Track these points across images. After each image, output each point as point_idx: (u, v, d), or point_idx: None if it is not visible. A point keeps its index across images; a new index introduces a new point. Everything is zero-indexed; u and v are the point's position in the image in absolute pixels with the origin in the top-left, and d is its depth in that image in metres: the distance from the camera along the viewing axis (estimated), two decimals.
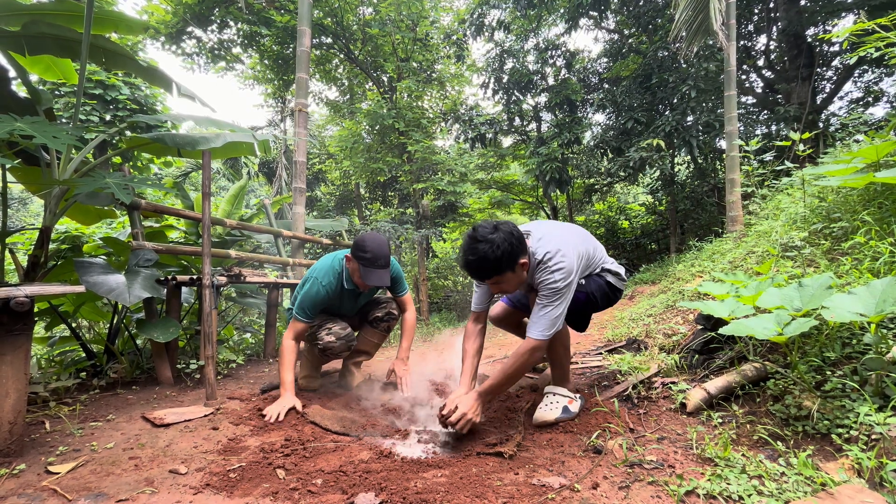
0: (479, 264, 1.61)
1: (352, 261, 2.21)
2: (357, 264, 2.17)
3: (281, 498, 1.30)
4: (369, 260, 2.13)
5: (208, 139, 2.88)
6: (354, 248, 2.18)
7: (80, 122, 5.80)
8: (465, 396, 1.71)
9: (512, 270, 1.64)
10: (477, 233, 1.62)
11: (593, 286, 1.89)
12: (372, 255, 2.13)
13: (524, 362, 1.68)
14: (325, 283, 2.25)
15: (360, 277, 2.20)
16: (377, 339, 2.65)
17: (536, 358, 1.69)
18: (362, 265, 2.15)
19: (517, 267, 1.65)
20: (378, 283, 2.17)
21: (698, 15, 5.57)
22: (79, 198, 2.58)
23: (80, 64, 2.40)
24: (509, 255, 1.59)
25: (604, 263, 1.95)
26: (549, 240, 1.71)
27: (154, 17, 9.28)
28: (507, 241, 1.59)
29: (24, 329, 1.59)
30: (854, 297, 1.41)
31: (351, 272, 2.26)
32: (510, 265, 1.62)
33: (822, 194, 2.77)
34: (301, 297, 2.24)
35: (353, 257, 2.19)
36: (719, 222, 7.72)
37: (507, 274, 1.65)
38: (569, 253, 1.67)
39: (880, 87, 8.86)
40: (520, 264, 1.65)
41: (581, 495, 1.26)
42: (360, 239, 2.17)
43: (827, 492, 1.10)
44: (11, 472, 1.44)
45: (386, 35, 9.30)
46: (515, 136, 11.25)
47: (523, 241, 1.67)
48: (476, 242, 1.60)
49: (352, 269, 2.24)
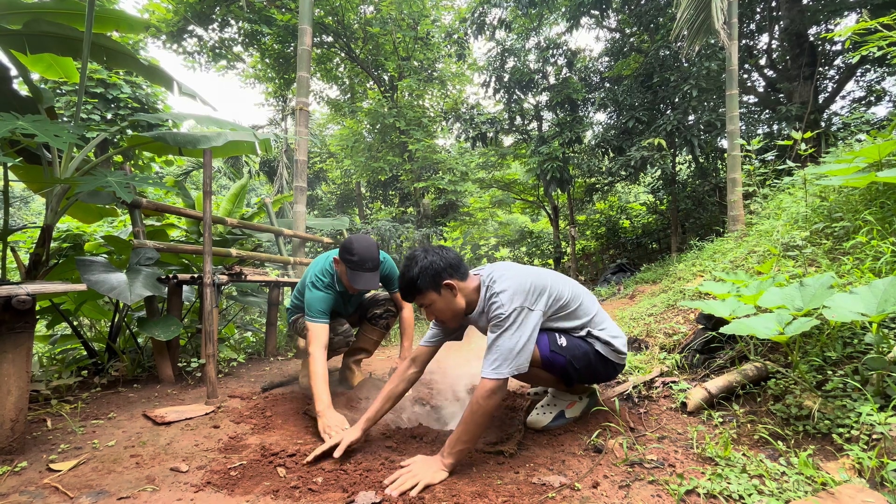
0: (400, 280, 1.60)
1: (339, 263, 2.15)
2: (344, 267, 2.10)
3: (282, 496, 1.30)
4: (356, 263, 2.06)
5: (209, 138, 2.88)
6: (342, 251, 2.11)
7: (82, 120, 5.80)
8: (426, 461, 1.45)
9: (436, 292, 1.56)
10: (409, 254, 1.61)
11: (576, 350, 1.63)
12: (359, 258, 2.05)
13: (480, 409, 1.42)
14: (327, 284, 2.22)
15: (347, 281, 2.14)
16: (376, 336, 2.64)
17: (495, 401, 1.43)
18: (349, 268, 2.07)
19: (442, 289, 1.56)
20: (365, 286, 2.09)
21: (700, 14, 5.56)
22: (80, 196, 2.58)
23: (81, 62, 2.40)
24: (432, 273, 1.54)
25: (593, 326, 1.69)
26: (500, 274, 1.58)
27: (155, 16, 9.29)
28: (431, 260, 1.56)
29: (25, 327, 1.60)
30: (855, 297, 1.40)
31: (339, 275, 2.21)
32: (433, 285, 1.55)
33: (824, 194, 2.76)
34: (309, 302, 2.17)
35: (340, 260, 2.13)
36: (720, 222, 7.70)
37: (431, 294, 1.57)
38: (511, 282, 1.52)
39: (882, 86, 8.84)
40: (446, 285, 1.55)
41: (581, 494, 1.26)
42: (348, 241, 2.11)
43: (828, 491, 1.10)
44: (13, 470, 1.45)
45: (387, 34, 9.30)
46: (516, 135, 11.25)
47: (459, 266, 1.59)
48: (405, 261, 1.61)
49: (340, 271, 2.18)
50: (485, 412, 1.43)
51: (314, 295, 2.16)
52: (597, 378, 1.76)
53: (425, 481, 1.34)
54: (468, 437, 1.44)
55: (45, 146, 2.48)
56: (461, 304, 1.60)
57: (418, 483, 1.33)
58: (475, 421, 1.44)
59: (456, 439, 1.45)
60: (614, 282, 7.76)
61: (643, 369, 2.21)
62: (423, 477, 1.36)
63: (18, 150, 2.53)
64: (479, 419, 1.43)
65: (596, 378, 1.76)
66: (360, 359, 2.69)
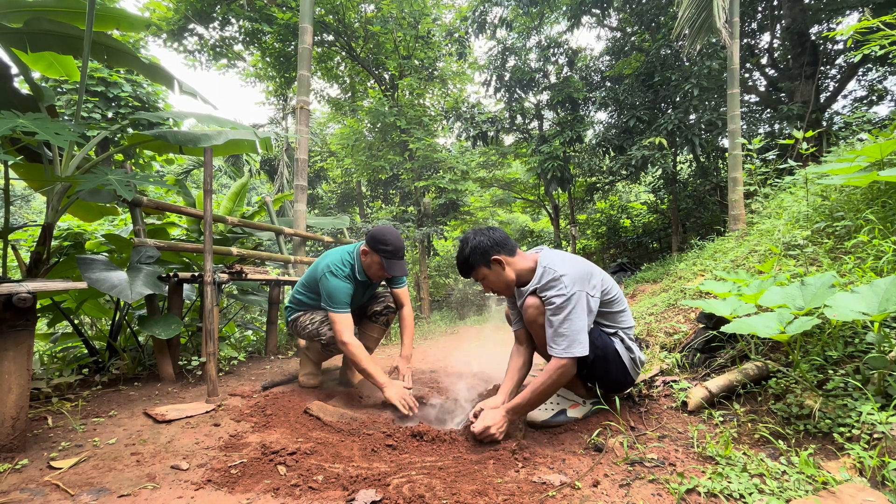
0: (457, 260, 1.82)
1: (370, 254, 2.23)
2: (378, 257, 2.20)
3: (282, 494, 1.30)
4: (392, 252, 2.19)
5: (210, 136, 2.88)
6: (374, 242, 2.20)
7: (83, 118, 5.81)
8: (494, 411, 1.69)
9: (487, 266, 1.75)
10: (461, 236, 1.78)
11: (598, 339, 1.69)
12: (394, 248, 2.19)
13: (551, 382, 1.60)
14: (347, 274, 2.27)
15: (379, 269, 2.24)
16: (377, 333, 2.66)
17: (564, 378, 1.60)
18: (384, 257, 2.19)
19: (492, 263, 1.74)
20: (401, 273, 2.23)
21: (701, 12, 5.55)
22: (81, 195, 2.58)
23: (82, 61, 2.40)
24: (481, 251, 1.74)
25: (624, 326, 1.78)
26: (559, 259, 1.70)
27: (156, 14, 9.28)
28: (479, 240, 1.75)
29: (26, 325, 1.60)
30: (857, 296, 1.40)
31: (367, 265, 2.28)
32: (483, 260, 1.74)
33: (826, 193, 2.75)
34: (330, 292, 2.23)
35: (372, 250, 2.21)
36: (721, 221, 7.69)
37: (483, 270, 1.76)
38: (570, 267, 1.64)
39: (884, 85, 8.83)
40: (495, 260, 1.73)
41: (582, 493, 1.26)
42: (379, 232, 2.20)
43: (828, 490, 1.10)
44: (14, 467, 1.45)
45: (388, 32, 9.29)
46: (517, 134, 11.24)
47: (505, 244, 1.76)
48: (460, 243, 1.79)
49: (369, 262, 2.26)
50: (555, 386, 1.61)
51: (336, 284, 2.22)
52: (607, 378, 1.75)
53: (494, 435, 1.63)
54: (533, 402, 1.66)
55: (46, 144, 2.48)
56: (511, 277, 1.77)
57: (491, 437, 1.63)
58: (543, 391, 1.62)
59: (522, 402, 1.66)
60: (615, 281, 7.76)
61: (644, 368, 2.21)
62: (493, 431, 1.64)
63: (19, 148, 2.54)
64: (548, 390, 1.62)
65: (607, 377, 1.75)
66: None
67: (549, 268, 1.66)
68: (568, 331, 1.57)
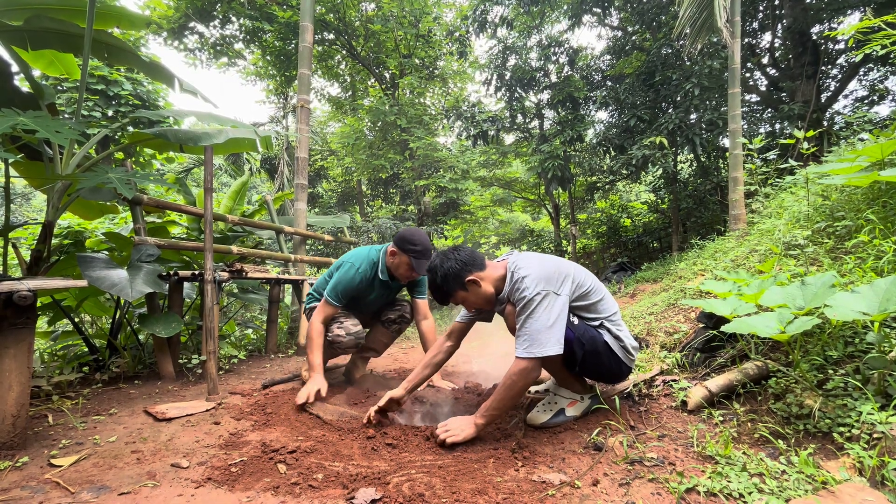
0: (430, 291, 1.83)
1: (398, 254, 2.27)
2: (407, 257, 2.25)
3: (282, 492, 1.31)
4: (421, 252, 2.23)
5: (210, 135, 2.88)
6: (403, 243, 2.24)
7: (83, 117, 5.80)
8: (463, 420, 1.68)
9: (464, 289, 1.75)
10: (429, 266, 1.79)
11: (585, 333, 1.67)
12: (422, 248, 2.23)
13: (512, 384, 1.57)
14: (360, 270, 2.31)
15: (407, 270, 2.28)
16: (386, 338, 2.68)
17: (529, 379, 1.56)
18: (414, 257, 2.23)
19: (468, 284, 1.73)
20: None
21: (703, 12, 5.54)
22: (81, 193, 2.58)
23: (82, 59, 2.39)
24: (453, 276, 1.72)
25: (606, 314, 1.74)
26: (524, 262, 1.69)
27: (156, 13, 9.28)
28: (448, 265, 1.73)
29: (27, 323, 1.60)
30: (857, 296, 1.40)
31: (395, 266, 2.32)
32: (457, 285, 1.74)
33: (826, 193, 2.75)
34: (335, 280, 2.30)
35: (401, 251, 2.25)
36: (722, 221, 7.69)
37: (460, 293, 1.76)
38: (535, 268, 1.63)
39: (886, 85, 8.81)
40: (469, 281, 1.72)
41: (581, 492, 1.26)
42: (408, 233, 2.26)
43: (828, 490, 1.10)
44: (15, 465, 1.45)
45: (388, 31, 9.28)
46: (518, 133, 11.23)
47: (474, 261, 1.75)
48: (429, 273, 1.79)
49: (397, 262, 2.30)
50: (517, 388, 1.58)
51: (345, 277, 2.29)
52: (601, 371, 1.75)
53: (456, 438, 1.61)
54: (499, 406, 1.62)
55: (47, 142, 2.48)
56: (490, 291, 1.76)
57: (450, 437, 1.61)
58: (507, 395, 1.60)
59: (489, 406, 1.64)
60: (615, 280, 7.75)
61: (644, 368, 2.21)
62: (455, 434, 1.62)
63: (20, 146, 2.54)
64: (511, 393, 1.59)
65: (600, 370, 1.75)
66: (367, 357, 2.74)
67: (514, 272, 1.65)
68: (529, 330, 1.54)
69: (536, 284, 1.57)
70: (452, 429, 1.64)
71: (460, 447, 1.63)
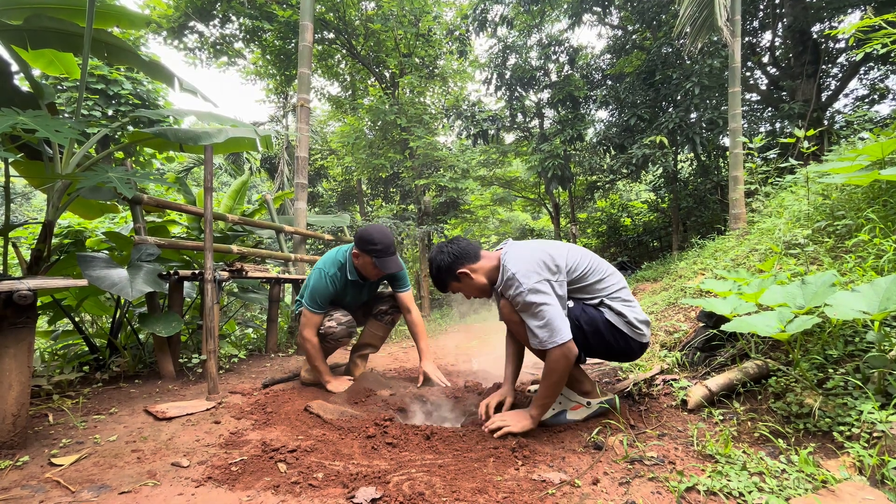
0: (432, 280, 1.91)
1: (360, 256, 2.23)
2: (369, 258, 2.21)
3: (282, 491, 1.31)
4: (382, 251, 2.20)
5: (210, 134, 2.88)
6: (362, 243, 2.20)
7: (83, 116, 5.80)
8: (519, 413, 1.73)
9: (456, 280, 1.82)
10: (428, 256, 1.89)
11: (583, 314, 1.68)
12: (382, 245, 2.19)
13: (552, 371, 1.59)
14: (330, 274, 2.30)
15: (374, 269, 2.25)
16: (382, 331, 2.68)
17: (565, 363, 1.57)
18: (376, 257, 2.20)
19: (461, 276, 1.80)
20: (396, 268, 2.24)
21: (703, 11, 5.53)
22: (81, 192, 2.58)
23: (82, 58, 2.39)
24: (446, 268, 1.81)
25: (606, 293, 1.72)
26: (513, 255, 1.70)
27: (156, 12, 9.26)
28: (441, 258, 1.81)
29: (27, 322, 1.60)
30: (857, 295, 1.40)
31: (361, 266, 2.29)
32: (450, 276, 1.82)
33: (827, 192, 2.75)
34: (310, 289, 2.30)
35: (362, 252, 2.21)
36: (722, 220, 7.69)
37: (454, 284, 1.85)
38: (524, 262, 1.64)
39: (886, 84, 8.80)
40: (460, 273, 1.79)
41: (581, 491, 1.26)
42: (365, 233, 2.20)
43: (828, 489, 1.10)
44: (15, 464, 1.45)
45: (388, 30, 9.27)
46: (518, 132, 11.23)
47: (467, 253, 1.80)
48: (428, 264, 1.89)
49: (361, 263, 2.27)
50: (559, 373, 1.60)
51: (317, 284, 2.28)
52: (611, 350, 1.73)
53: (513, 429, 1.66)
54: (547, 394, 1.66)
55: (47, 142, 2.48)
56: (482, 282, 1.81)
57: (505, 427, 1.66)
58: (553, 382, 1.63)
59: (539, 396, 1.67)
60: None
61: (644, 367, 2.21)
62: (511, 425, 1.67)
63: (20, 145, 2.53)
64: (556, 379, 1.62)
65: (610, 350, 1.73)
66: (365, 353, 2.75)
67: (504, 266, 1.67)
68: (543, 323, 1.56)
69: (527, 278, 1.59)
70: (510, 421, 1.69)
71: (460, 446, 1.63)
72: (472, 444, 1.67)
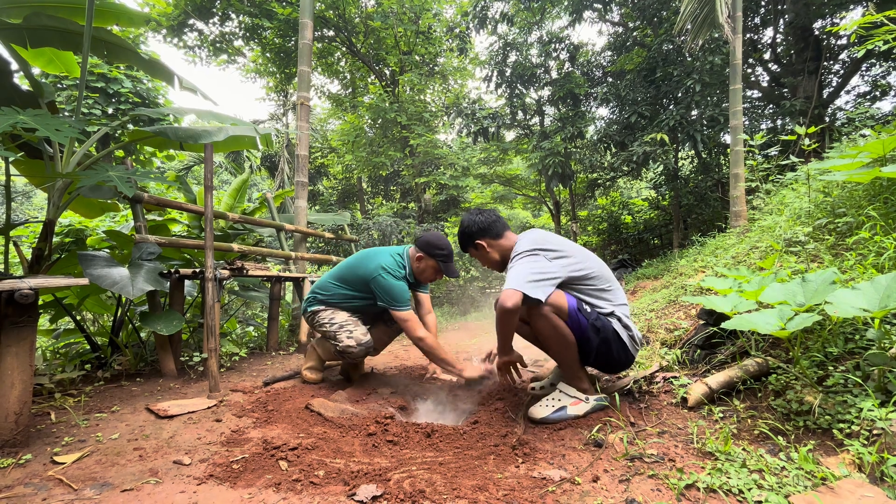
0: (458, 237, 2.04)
1: (425, 259, 2.37)
2: (434, 261, 2.37)
3: (283, 489, 1.31)
4: (447, 255, 2.36)
5: (210, 132, 2.88)
6: (430, 248, 2.36)
7: (83, 115, 5.80)
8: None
9: (474, 248, 1.98)
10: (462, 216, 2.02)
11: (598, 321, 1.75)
12: (448, 251, 2.36)
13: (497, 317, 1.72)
14: (401, 276, 2.38)
15: (433, 273, 2.41)
16: (388, 337, 2.70)
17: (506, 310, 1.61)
18: (441, 261, 2.36)
19: (478, 245, 1.96)
20: (455, 273, 2.41)
21: (704, 7, 5.51)
22: (82, 191, 2.58)
23: (82, 57, 2.39)
24: (467, 235, 1.97)
25: (615, 303, 1.81)
26: (524, 236, 1.85)
27: (155, 10, 9.25)
28: (466, 224, 1.97)
29: (28, 321, 1.60)
30: (858, 293, 1.40)
31: (421, 270, 2.42)
32: (469, 242, 1.98)
33: (828, 189, 2.74)
34: (393, 291, 2.33)
35: (427, 255, 2.36)
36: (723, 217, 7.68)
37: (471, 250, 2.00)
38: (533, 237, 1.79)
39: (888, 81, 8.77)
40: (477, 244, 1.95)
41: (581, 488, 1.27)
42: (434, 238, 2.38)
43: (827, 486, 1.10)
44: (18, 462, 1.46)
45: (388, 28, 9.25)
46: (518, 130, 11.20)
47: (490, 228, 1.94)
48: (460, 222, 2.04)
49: (423, 266, 2.40)
50: (501, 320, 1.70)
51: (398, 284, 2.36)
52: (610, 360, 1.81)
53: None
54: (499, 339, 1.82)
55: (47, 141, 2.47)
56: (495, 257, 1.96)
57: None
58: (497, 328, 1.77)
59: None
60: (616, 277, 7.77)
61: (644, 364, 2.21)
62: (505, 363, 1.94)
63: (20, 144, 2.53)
64: (498, 326, 1.75)
65: (609, 359, 1.81)
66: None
67: (517, 244, 1.82)
68: (514, 271, 1.68)
69: (525, 245, 1.74)
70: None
71: (461, 444, 1.64)
72: (472, 441, 1.67)
